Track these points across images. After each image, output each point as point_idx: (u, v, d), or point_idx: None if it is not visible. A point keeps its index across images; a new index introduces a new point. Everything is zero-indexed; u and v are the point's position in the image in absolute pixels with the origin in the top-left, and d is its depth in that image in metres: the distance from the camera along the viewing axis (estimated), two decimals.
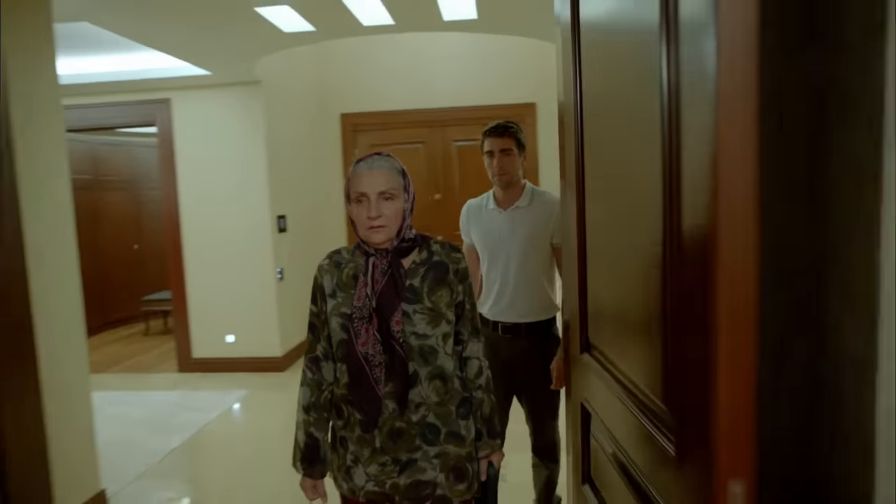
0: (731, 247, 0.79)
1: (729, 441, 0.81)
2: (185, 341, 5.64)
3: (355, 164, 1.67)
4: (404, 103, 6.65)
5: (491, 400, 1.80)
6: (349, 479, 1.71)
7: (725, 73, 0.78)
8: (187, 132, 5.43)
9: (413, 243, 1.70)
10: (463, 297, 1.74)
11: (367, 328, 1.62)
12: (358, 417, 1.67)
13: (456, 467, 1.69)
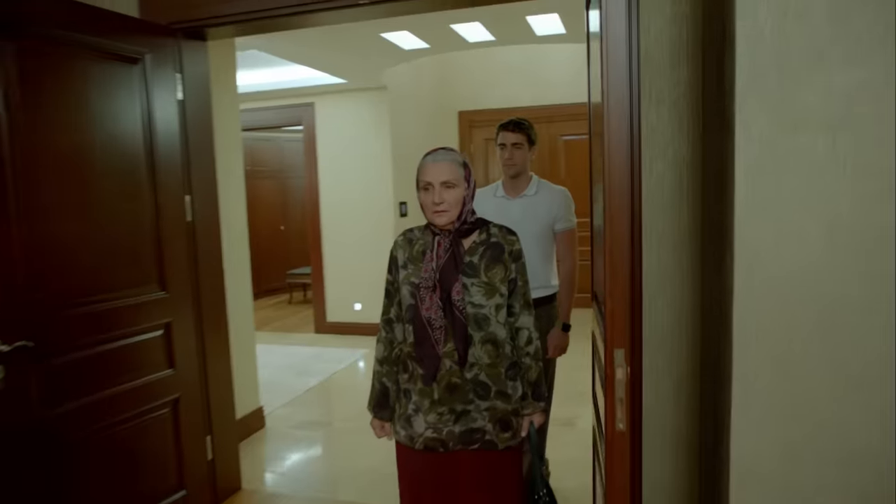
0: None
1: (613, 325, 1.44)
2: (322, 308, 6.68)
3: (424, 156, 1.91)
4: (516, 100, 7.27)
5: (538, 367, 2.01)
6: (409, 427, 1.94)
7: None
8: (326, 130, 6.43)
9: (473, 226, 1.93)
10: (516, 275, 1.95)
11: (431, 296, 1.86)
12: (420, 372, 1.90)
13: (502, 419, 1.92)
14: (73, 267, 2.38)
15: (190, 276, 2.88)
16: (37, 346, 2.22)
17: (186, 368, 2.86)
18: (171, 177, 2.76)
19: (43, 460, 2.27)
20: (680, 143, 2.20)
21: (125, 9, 2.76)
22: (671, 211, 2.23)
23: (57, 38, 2.31)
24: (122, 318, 2.55)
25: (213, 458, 3.03)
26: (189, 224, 2.87)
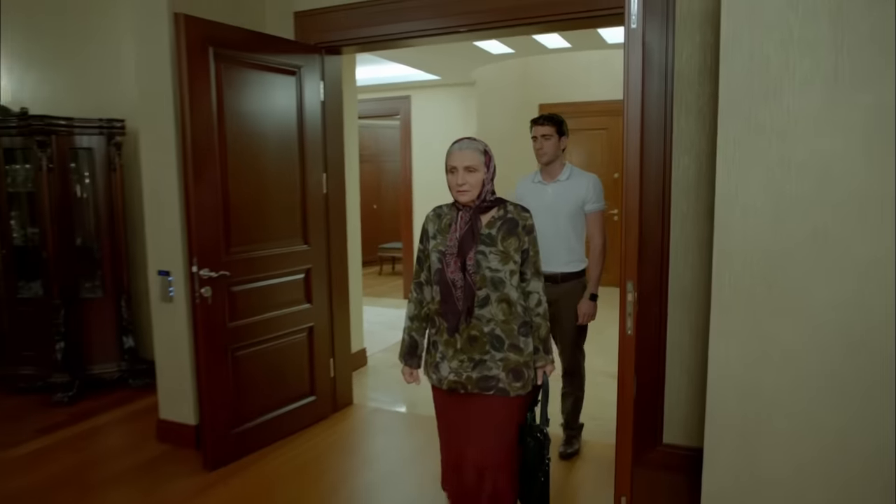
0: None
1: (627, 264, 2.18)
2: (410, 277, 7.58)
3: (451, 145, 2.19)
4: (592, 95, 7.85)
5: (547, 325, 2.28)
6: (437, 372, 2.24)
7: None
8: (421, 120, 7.29)
9: (492, 204, 2.20)
10: (528, 246, 2.21)
11: (455, 261, 2.14)
12: (445, 325, 2.18)
13: (514, 370, 2.18)
14: (251, 222, 3.32)
15: (324, 236, 3.79)
16: (231, 275, 3.17)
17: (319, 305, 3.78)
18: (314, 158, 3.67)
19: (228, 357, 3.23)
20: (701, 142, 2.87)
21: (286, 34, 3.68)
22: (692, 194, 2.92)
23: (245, 56, 3.23)
24: (280, 261, 3.48)
25: (334, 377, 3.95)
26: (325, 195, 3.78)
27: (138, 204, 4.53)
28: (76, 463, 3.39)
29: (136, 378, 4.45)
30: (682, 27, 2.88)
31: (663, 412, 3.12)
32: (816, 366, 2.14)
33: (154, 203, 3.40)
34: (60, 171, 4.12)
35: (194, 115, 2.98)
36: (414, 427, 3.85)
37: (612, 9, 2.97)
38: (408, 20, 3.47)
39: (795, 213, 2.11)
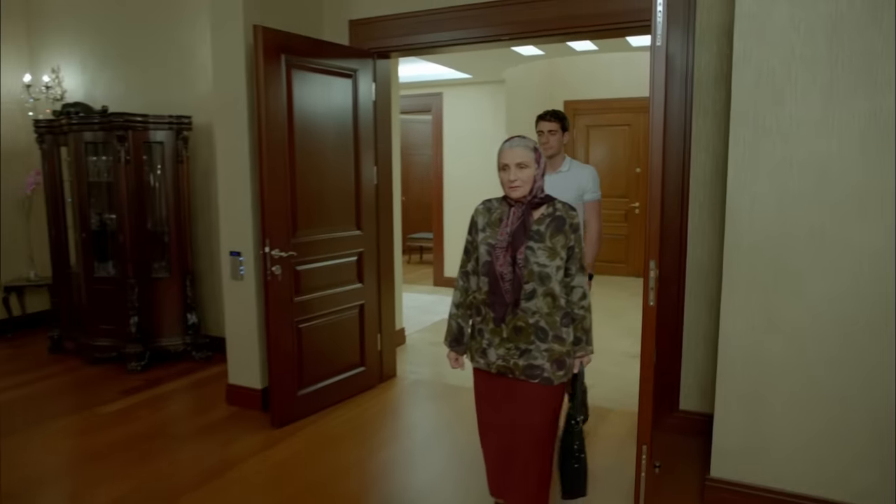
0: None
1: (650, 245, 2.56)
2: (440, 265, 8.00)
3: (503, 143, 2.24)
4: (615, 92, 8.20)
5: (590, 317, 2.34)
6: (484, 356, 2.30)
7: None
8: (452, 116, 7.67)
9: (542, 200, 2.24)
10: (573, 243, 2.25)
11: (504, 254, 2.18)
12: (492, 315, 2.24)
13: (558, 359, 2.24)
14: (313, 209, 3.74)
15: (374, 223, 4.20)
16: (297, 255, 3.60)
17: (369, 285, 4.20)
18: (366, 153, 4.08)
19: (293, 328, 3.67)
20: (716, 141, 3.23)
21: (341, 40, 4.09)
22: (708, 187, 3.28)
23: (310, 62, 3.65)
24: (336, 244, 3.91)
25: (380, 350, 4.38)
26: (375, 186, 4.19)
27: (200, 193, 5.00)
28: (158, 420, 3.85)
29: (198, 351, 4.91)
30: (701, 38, 3.24)
31: (680, 381, 3.49)
32: (815, 337, 2.51)
33: (227, 192, 3.83)
34: (136, 162, 4.57)
35: (269, 114, 3.40)
36: (450, 397, 4.26)
37: (639, 21, 3.33)
38: (452, 29, 3.85)
39: (797, 204, 2.48)
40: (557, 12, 3.52)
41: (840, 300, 2.45)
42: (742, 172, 2.57)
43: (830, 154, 2.41)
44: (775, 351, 2.59)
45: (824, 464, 2.55)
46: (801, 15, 2.40)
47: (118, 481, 3.09)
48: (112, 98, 5.24)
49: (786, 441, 2.61)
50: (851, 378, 2.47)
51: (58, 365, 4.89)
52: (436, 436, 3.68)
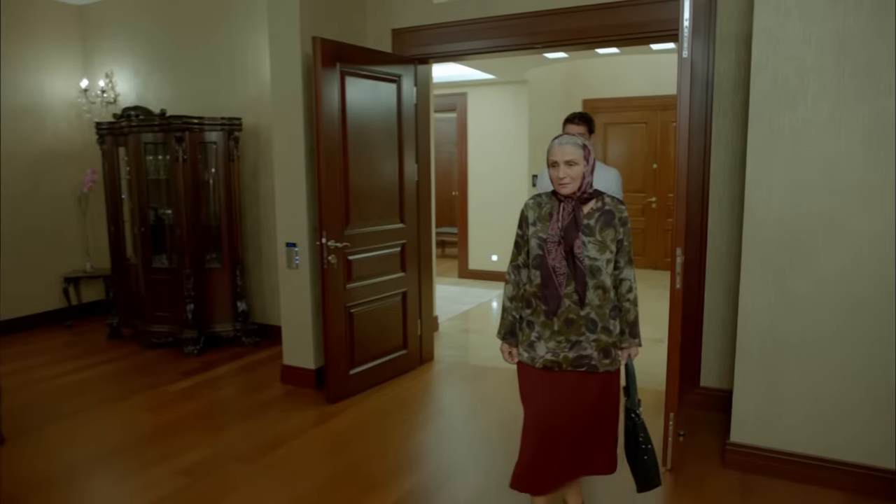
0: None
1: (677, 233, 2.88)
2: (465, 258, 8.34)
3: (552, 140, 2.29)
4: (634, 90, 8.48)
5: (636, 310, 2.37)
6: (532, 350, 2.33)
7: None
8: (476, 115, 7.99)
9: (591, 195, 2.29)
10: (623, 237, 2.29)
11: (557, 248, 2.23)
12: (543, 308, 2.27)
13: (605, 349, 2.30)
14: (363, 203, 4.09)
15: (415, 216, 4.55)
16: (350, 245, 3.95)
17: (411, 274, 4.54)
18: (409, 152, 4.42)
19: (346, 313, 4.02)
20: (735, 139, 3.54)
21: (384, 47, 4.43)
22: (727, 183, 3.59)
23: (361, 69, 3.99)
24: (383, 236, 4.25)
25: (420, 335, 4.72)
26: (416, 182, 4.53)
27: (248, 189, 5.36)
28: (221, 397, 4.22)
29: (247, 336, 5.28)
30: (721, 46, 3.54)
31: (701, 361, 3.81)
32: (824, 312, 2.83)
33: (284, 188, 4.18)
34: (192, 161, 4.94)
35: (326, 118, 3.75)
36: (482, 378, 4.59)
37: (663, 31, 3.64)
38: (488, 38, 4.18)
39: (808, 196, 2.80)
40: (587, 23, 3.84)
41: (847, 279, 2.76)
42: (759, 168, 2.88)
43: (838, 152, 2.72)
44: (789, 326, 2.90)
45: (834, 428, 2.87)
46: (811, 30, 2.71)
47: (195, 448, 3.46)
48: (163, 101, 5.61)
49: (798, 408, 2.93)
50: (857, 350, 2.78)
51: (118, 350, 5.27)
52: (472, 413, 4.02)
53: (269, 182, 5.22)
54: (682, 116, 2.86)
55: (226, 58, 5.33)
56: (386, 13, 4.47)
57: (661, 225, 8.50)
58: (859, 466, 2.83)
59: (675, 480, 3.03)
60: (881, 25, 2.59)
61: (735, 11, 3.46)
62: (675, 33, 3.36)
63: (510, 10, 4.05)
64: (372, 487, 3.02)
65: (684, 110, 2.85)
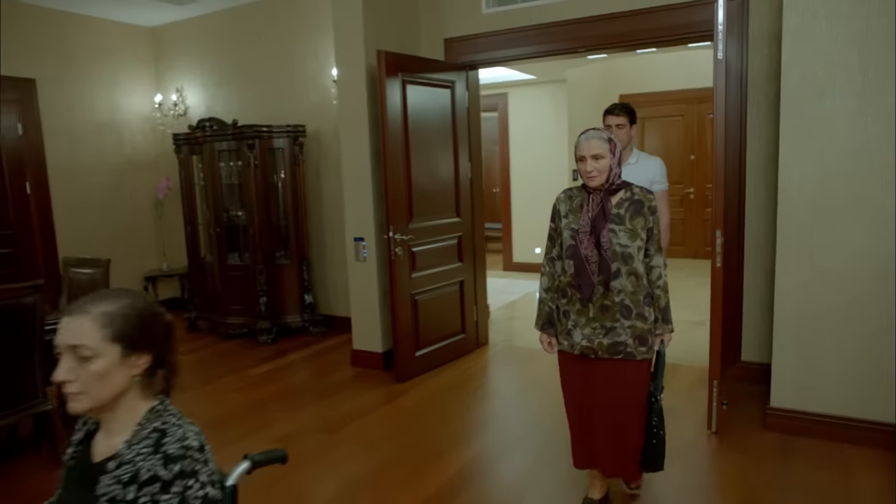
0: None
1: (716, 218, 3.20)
2: (509, 251, 8.69)
3: (579, 136, 2.37)
4: (670, 85, 8.70)
5: (666, 297, 2.43)
6: (569, 338, 2.43)
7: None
8: (517, 114, 8.33)
9: (620, 186, 2.38)
10: (652, 225, 2.37)
11: (588, 238, 2.33)
12: (578, 296, 2.37)
13: (640, 336, 2.37)
14: (423, 199, 4.48)
15: (469, 211, 4.92)
16: (413, 238, 4.35)
17: (467, 263, 4.92)
18: (462, 151, 4.80)
19: (411, 300, 4.41)
20: (769, 130, 3.82)
21: (437, 55, 4.81)
22: (762, 172, 3.87)
23: (420, 77, 4.38)
24: (442, 230, 4.64)
25: (476, 320, 5.10)
26: (469, 180, 4.91)
27: (312, 191, 5.80)
28: (299, 379, 4.66)
29: (314, 326, 5.73)
30: (753, 44, 3.82)
31: (741, 337, 4.09)
32: (852, 290, 3.11)
33: (351, 188, 4.59)
34: (262, 166, 5.40)
35: (391, 122, 4.14)
36: (533, 360, 4.90)
37: (699, 31, 3.93)
38: (533, 44, 4.52)
39: (837, 181, 3.08)
40: (627, 27, 4.16)
41: (873, 255, 3.04)
42: (791, 156, 3.17)
43: (865, 138, 3.00)
44: (822, 301, 3.19)
45: (864, 391, 3.14)
46: (837, 29, 2.99)
47: (283, 422, 3.89)
48: (230, 111, 6.09)
49: (832, 374, 3.21)
50: (884, 319, 3.05)
51: (197, 341, 5.77)
52: (524, 391, 4.37)
53: (330, 183, 5.67)
54: (719, 111, 3.17)
55: (288, 69, 5.78)
56: (438, 24, 4.85)
57: (700, 215, 8.70)
58: (889, 425, 3.10)
59: (720, 442, 3.34)
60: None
61: (766, 12, 3.74)
62: (710, 34, 3.67)
63: (554, 17, 4.39)
64: (439, 455, 3.37)
65: (720, 105, 3.16)
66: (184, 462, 1.19)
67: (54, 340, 1.23)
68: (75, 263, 3.95)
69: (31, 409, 3.22)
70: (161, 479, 1.17)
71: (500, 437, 3.59)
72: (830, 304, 3.18)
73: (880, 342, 3.08)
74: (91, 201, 6.20)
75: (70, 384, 1.19)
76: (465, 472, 3.19)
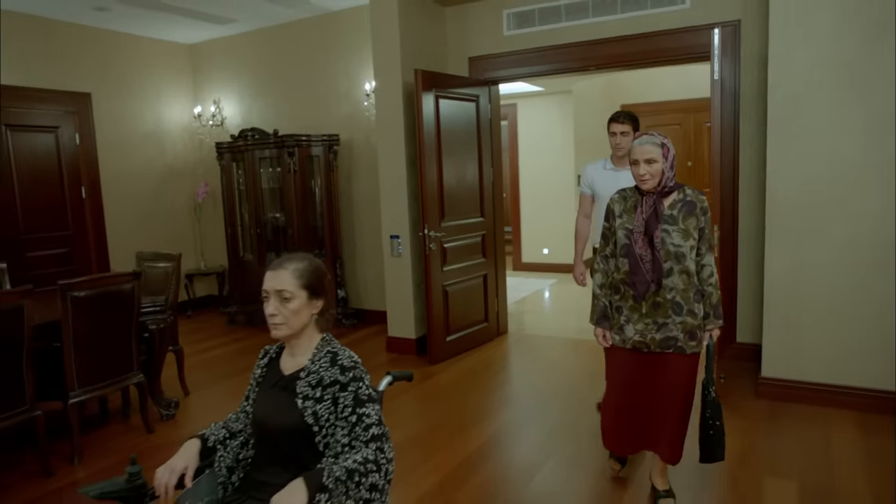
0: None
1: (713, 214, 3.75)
2: (518, 252, 9.23)
3: (633, 141, 2.48)
4: (669, 95, 9.26)
5: (718, 293, 2.47)
6: (622, 332, 2.51)
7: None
8: (526, 123, 8.90)
9: (672, 188, 2.42)
10: (704, 225, 2.41)
11: (643, 238, 2.38)
12: (631, 293, 2.44)
13: (690, 331, 2.43)
14: (453, 201, 5.02)
15: (492, 212, 5.47)
16: (445, 235, 4.89)
17: (489, 259, 5.47)
18: (486, 158, 5.36)
19: (442, 290, 4.95)
20: (758, 140, 4.37)
21: (462, 72, 5.37)
22: (754, 177, 4.43)
23: (450, 92, 4.93)
24: (468, 228, 5.19)
25: (497, 311, 5.64)
26: (492, 183, 5.46)
27: (344, 194, 6.34)
28: None
29: (347, 319, 6.26)
30: (745, 65, 4.39)
31: (736, 321, 4.64)
32: (830, 277, 3.66)
33: (387, 190, 5.13)
34: (301, 172, 5.94)
35: (426, 132, 4.69)
36: (548, 346, 5.46)
37: (699, 53, 4.48)
38: (549, 62, 5.08)
39: (816, 184, 3.64)
40: (633, 48, 4.72)
41: (849, 245, 3.59)
42: (776, 163, 3.73)
43: (839, 148, 3.56)
44: (805, 285, 3.74)
45: (842, 361, 3.69)
46: (814, 55, 3.56)
47: None
48: (265, 122, 6.63)
49: (814, 347, 3.76)
50: (858, 301, 3.61)
51: (239, 332, 6.29)
52: (542, 372, 4.90)
53: (360, 188, 6.21)
54: (716, 122, 3.73)
55: (321, 84, 6.33)
56: (463, 43, 5.41)
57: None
58: (864, 389, 3.65)
59: None
60: (871, 51, 3.43)
61: (756, 37, 4.30)
62: (707, 55, 4.23)
63: (568, 39, 4.95)
64: (469, 426, 3.86)
65: (717, 118, 3.71)
66: (354, 370, 1.73)
67: (263, 286, 1.76)
68: (150, 258, 4.47)
69: (125, 382, 3.73)
70: (339, 382, 1.70)
71: (522, 410, 4.11)
72: (812, 288, 3.73)
73: (855, 320, 3.63)
74: (137, 206, 6.73)
75: (275, 317, 1.72)
76: (497, 436, 3.71)
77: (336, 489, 1.51)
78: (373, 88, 5.83)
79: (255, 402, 1.84)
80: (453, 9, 5.40)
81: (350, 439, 1.66)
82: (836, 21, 3.51)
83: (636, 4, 4.65)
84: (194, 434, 1.82)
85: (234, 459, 1.82)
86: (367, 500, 1.60)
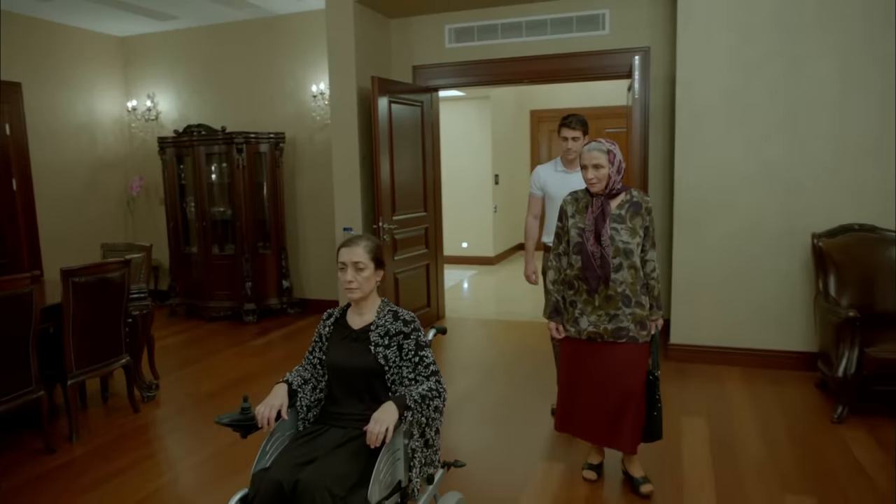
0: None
1: None
2: None
3: (583, 147, 2.69)
4: (573, 102, 10.16)
5: (659, 286, 2.71)
6: (576, 325, 2.72)
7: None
8: (447, 125, 9.43)
9: (620, 190, 2.66)
10: (648, 223, 2.66)
11: (593, 236, 2.62)
12: (584, 287, 2.66)
13: (641, 322, 2.67)
14: (403, 196, 5.53)
15: (433, 207, 6.05)
16: (396, 227, 5.40)
17: (431, 250, 6.04)
18: (429, 157, 5.91)
19: (394, 278, 5.46)
20: (665, 146, 5.23)
21: (407, 79, 5.89)
22: (661, 171, 5.27)
23: (400, 97, 5.44)
24: (415, 221, 5.73)
25: (438, 297, 6.21)
26: (433, 180, 6.02)
27: (287, 190, 6.67)
28: (297, 346, 5.55)
29: (291, 308, 6.60)
30: (654, 85, 5.23)
31: None
32: (722, 260, 4.55)
33: (341, 185, 5.53)
34: (248, 168, 6.22)
35: (380, 133, 5.17)
36: (484, 328, 6.13)
37: (613, 73, 5.29)
38: (484, 74, 5.71)
39: (711, 184, 4.51)
40: (559, 66, 5.45)
41: (735, 234, 4.49)
42: (681, 168, 4.58)
43: (728, 157, 4.44)
44: (703, 267, 4.61)
45: (731, 327, 4.60)
46: (713, 83, 4.43)
47: None
48: (204, 118, 6.79)
49: (710, 317, 4.64)
50: (742, 280, 4.52)
51: (182, 324, 6.44)
52: (484, 346, 5.56)
53: (304, 184, 6.57)
54: (634, 134, 4.51)
55: (268, 83, 6.60)
56: (408, 54, 5.92)
57: None
58: (747, 349, 4.57)
59: None
60: (751, 82, 4.33)
61: (664, 61, 5.14)
62: (622, 74, 5.03)
63: (502, 55, 5.60)
64: None
65: (636, 130, 4.49)
66: (414, 323, 2.23)
67: (339, 258, 2.21)
68: (123, 248, 4.65)
69: (116, 364, 3.96)
70: (403, 332, 2.21)
71: (474, 379, 4.73)
72: (708, 269, 4.61)
73: (740, 295, 4.55)
74: (69, 197, 6.68)
75: (352, 283, 2.19)
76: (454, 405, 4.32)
77: (415, 408, 2.03)
78: (319, 90, 6.23)
79: (328, 351, 2.29)
80: (398, 21, 5.90)
81: (415, 374, 2.18)
82: (729, 56, 4.39)
83: (563, 28, 5.38)
84: (278, 380, 2.26)
85: (310, 399, 2.27)
86: (431, 419, 2.13)
